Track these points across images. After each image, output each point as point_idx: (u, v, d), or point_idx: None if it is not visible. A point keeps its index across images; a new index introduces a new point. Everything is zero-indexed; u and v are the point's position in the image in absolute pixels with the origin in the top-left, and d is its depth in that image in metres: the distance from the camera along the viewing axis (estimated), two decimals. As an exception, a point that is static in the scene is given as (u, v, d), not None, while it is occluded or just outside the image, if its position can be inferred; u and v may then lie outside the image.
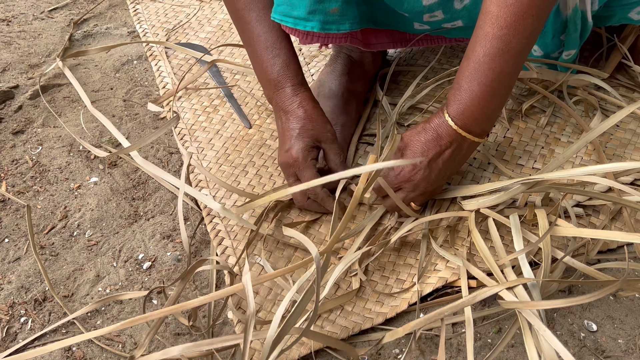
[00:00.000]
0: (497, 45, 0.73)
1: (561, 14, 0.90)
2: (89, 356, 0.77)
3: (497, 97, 0.77)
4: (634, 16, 0.94)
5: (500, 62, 0.74)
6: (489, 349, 0.76)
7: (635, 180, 0.92)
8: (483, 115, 0.79)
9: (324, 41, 0.87)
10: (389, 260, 0.85)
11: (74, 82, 1.15)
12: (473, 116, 0.78)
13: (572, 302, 0.62)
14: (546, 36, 0.94)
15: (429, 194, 0.85)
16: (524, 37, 0.73)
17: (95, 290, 0.84)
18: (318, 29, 0.84)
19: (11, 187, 0.98)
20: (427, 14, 0.87)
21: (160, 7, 1.37)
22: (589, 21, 0.91)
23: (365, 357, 0.76)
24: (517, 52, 0.74)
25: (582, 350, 0.76)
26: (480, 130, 0.80)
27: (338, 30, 0.85)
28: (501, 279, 0.74)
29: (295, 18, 0.83)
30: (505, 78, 0.76)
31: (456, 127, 0.79)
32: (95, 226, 0.92)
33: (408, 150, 0.82)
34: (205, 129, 1.06)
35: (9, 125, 1.09)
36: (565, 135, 1.00)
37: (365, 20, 0.89)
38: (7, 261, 0.88)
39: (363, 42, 0.95)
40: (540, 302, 0.65)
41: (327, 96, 1.01)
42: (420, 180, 0.81)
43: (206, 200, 0.78)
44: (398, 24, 0.94)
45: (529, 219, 0.82)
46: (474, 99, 0.77)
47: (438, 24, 0.91)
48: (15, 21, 1.36)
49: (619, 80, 1.08)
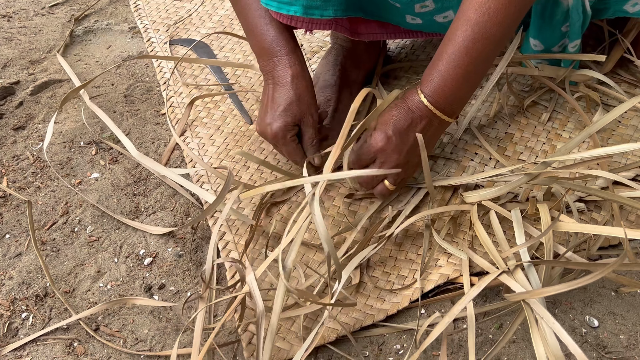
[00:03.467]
0: (478, 31, 0.76)
1: (561, 4, 0.89)
2: (90, 352, 0.77)
3: (471, 80, 0.80)
4: (629, 9, 0.93)
5: (478, 48, 0.77)
6: (490, 345, 0.76)
7: (637, 176, 0.92)
8: (455, 97, 0.81)
9: (308, 26, 0.87)
10: (390, 255, 0.85)
11: (74, 78, 1.15)
12: (445, 96, 0.80)
13: (576, 284, 0.62)
14: (545, 30, 0.93)
15: (402, 170, 0.85)
16: (504, 26, 0.76)
17: (97, 286, 0.84)
18: (301, 13, 0.84)
19: (12, 182, 0.98)
20: (418, 3, 0.87)
21: (161, 3, 1.37)
22: (588, 11, 0.90)
23: (366, 352, 0.76)
24: (496, 40, 0.77)
25: (583, 345, 0.76)
26: (450, 110, 0.82)
27: (321, 16, 0.85)
28: (504, 269, 0.73)
29: (278, 2, 0.83)
30: (481, 63, 0.79)
31: (428, 104, 0.81)
32: (96, 222, 0.92)
33: (380, 123, 0.84)
34: (206, 125, 1.06)
35: (10, 121, 1.09)
36: (567, 131, 0.99)
37: (353, 8, 0.88)
38: (9, 257, 0.88)
39: (350, 30, 0.95)
40: (545, 289, 0.65)
41: (321, 87, 1.02)
42: (393, 151, 0.82)
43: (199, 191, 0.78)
44: (389, 15, 0.93)
45: (531, 214, 0.82)
46: (449, 80, 0.79)
47: (430, 15, 0.91)
48: (16, 17, 1.35)
49: (621, 76, 1.07)
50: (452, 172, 0.94)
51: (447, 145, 0.98)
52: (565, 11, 0.90)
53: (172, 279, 0.85)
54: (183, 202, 0.95)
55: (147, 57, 1.08)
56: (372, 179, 0.86)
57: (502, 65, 0.92)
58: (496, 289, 0.81)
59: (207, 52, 1.22)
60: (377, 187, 0.87)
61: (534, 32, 0.94)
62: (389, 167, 0.84)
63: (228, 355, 0.75)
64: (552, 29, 0.93)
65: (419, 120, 0.82)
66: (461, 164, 0.95)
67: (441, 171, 0.94)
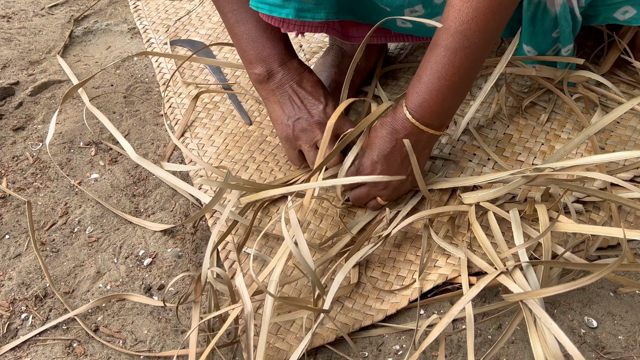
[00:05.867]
0: (459, 40, 0.74)
1: (549, 11, 0.90)
2: (90, 352, 0.77)
3: (456, 91, 0.79)
4: (619, 16, 0.93)
5: (460, 57, 0.75)
6: (489, 346, 0.76)
7: (635, 177, 0.92)
8: (441, 109, 0.80)
9: (300, 29, 0.87)
10: (389, 256, 0.85)
11: (73, 78, 1.15)
12: (431, 109, 0.79)
13: (574, 285, 0.62)
14: (537, 36, 0.94)
15: (393, 189, 0.86)
16: (485, 33, 0.74)
17: (96, 286, 0.84)
18: (293, 16, 0.84)
19: (12, 183, 0.98)
20: (407, 8, 0.87)
21: (161, 4, 1.37)
22: (578, 17, 0.91)
23: (366, 353, 0.76)
24: (478, 48, 0.75)
25: (582, 346, 0.76)
26: (438, 123, 0.81)
27: (313, 18, 0.85)
28: (503, 270, 0.74)
29: (270, 5, 0.83)
30: (465, 73, 0.77)
31: (413, 120, 0.80)
32: (95, 222, 0.92)
33: (367, 146, 0.84)
34: (206, 126, 1.06)
35: (10, 122, 1.09)
36: (566, 132, 1.00)
37: (345, 11, 0.89)
38: (8, 257, 0.88)
39: (342, 33, 0.95)
40: (542, 290, 0.65)
41: None
42: (380, 175, 0.82)
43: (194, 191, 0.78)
44: (379, 18, 0.93)
45: (529, 214, 0.82)
46: (433, 91, 0.78)
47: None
48: (16, 17, 1.35)
49: (619, 77, 1.07)
50: (450, 172, 0.94)
51: (445, 145, 0.98)
52: (554, 18, 0.91)
53: (172, 280, 0.85)
54: (183, 202, 0.95)
55: (146, 54, 1.08)
56: (364, 198, 0.88)
57: (501, 67, 0.92)
58: (495, 289, 0.81)
59: (207, 53, 1.22)
60: (369, 203, 0.88)
61: (526, 38, 0.94)
62: (378, 190, 0.86)
63: (227, 356, 0.76)
64: (543, 35, 0.93)
65: (405, 138, 0.81)
66: (459, 165, 0.95)
67: (439, 172, 0.94)
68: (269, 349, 0.76)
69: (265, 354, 0.65)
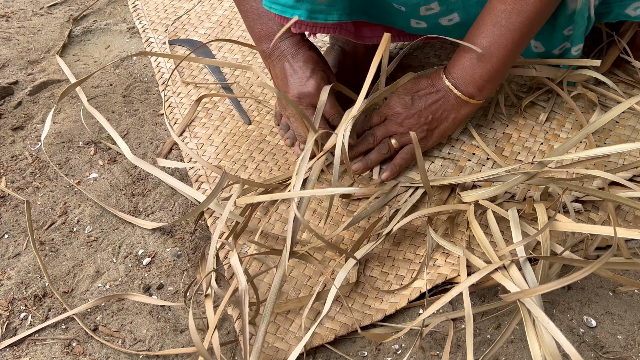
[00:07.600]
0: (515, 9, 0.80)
1: (568, 7, 0.89)
2: (89, 352, 0.77)
3: (488, 64, 0.84)
4: (630, 12, 0.94)
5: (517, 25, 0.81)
6: (488, 345, 0.76)
7: (634, 177, 0.92)
8: (471, 78, 0.86)
9: (312, 30, 0.87)
10: (389, 255, 0.85)
11: (72, 78, 1.15)
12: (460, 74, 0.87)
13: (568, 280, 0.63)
14: (547, 31, 0.94)
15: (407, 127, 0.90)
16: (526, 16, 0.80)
17: (95, 286, 0.84)
18: (305, 17, 0.84)
19: (11, 183, 0.98)
20: (423, 6, 0.87)
21: (160, 3, 1.37)
22: (592, 15, 0.91)
23: (365, 353, 0.76)
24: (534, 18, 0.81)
25: (581, 345, 0.76)
26: (467, 92, 0.87)
27: (326, 20, 0.85)
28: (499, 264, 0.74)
29: (282, 5, 0.83)
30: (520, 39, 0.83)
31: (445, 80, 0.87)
32: (94, 222, 0.92)
33: (402, 88, 0.90)
34: (205, 125, 1.06)
35: (9, 121, 1.09)
36: (565, 131, 1.00)
37: (358, 12, 0.88)
38: (7, 257, 0.88)
39: (355, 34, 0.95)
40: (538, 287, 0.65)
41: None
42: (405, 117, 0.89)
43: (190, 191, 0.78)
44: (394, 19, 0.93)
45: (528, 213, 0.82)
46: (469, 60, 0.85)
47: (435, 17, 0.91)
48: (15, 17, 1.35)
49: (618, 77, 1.07)
50: (449, 172, 0.94)
51: (444, 145, 0.98)
52: (570, 14, 0.90)
53: (171, 279, 0.85)
54: (182, 202, 0.95)
55: (145, 54, 1.08)
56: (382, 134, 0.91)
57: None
58: (494, 289, 0.82)
59: (206, 52, 1.22)
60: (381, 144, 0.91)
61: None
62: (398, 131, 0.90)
63: (227, 355, 0.76)
64: (554, 31, 0.93)
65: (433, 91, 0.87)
66: (459, 164, 0.95)
67: (439, 171, 0.94)
68: (269, 348, 0.76)
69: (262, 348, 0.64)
